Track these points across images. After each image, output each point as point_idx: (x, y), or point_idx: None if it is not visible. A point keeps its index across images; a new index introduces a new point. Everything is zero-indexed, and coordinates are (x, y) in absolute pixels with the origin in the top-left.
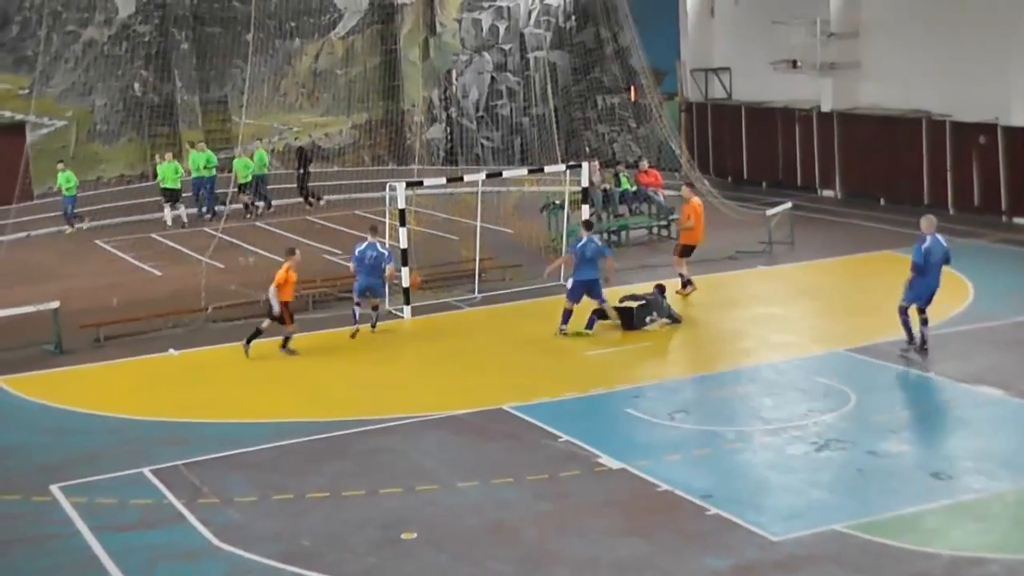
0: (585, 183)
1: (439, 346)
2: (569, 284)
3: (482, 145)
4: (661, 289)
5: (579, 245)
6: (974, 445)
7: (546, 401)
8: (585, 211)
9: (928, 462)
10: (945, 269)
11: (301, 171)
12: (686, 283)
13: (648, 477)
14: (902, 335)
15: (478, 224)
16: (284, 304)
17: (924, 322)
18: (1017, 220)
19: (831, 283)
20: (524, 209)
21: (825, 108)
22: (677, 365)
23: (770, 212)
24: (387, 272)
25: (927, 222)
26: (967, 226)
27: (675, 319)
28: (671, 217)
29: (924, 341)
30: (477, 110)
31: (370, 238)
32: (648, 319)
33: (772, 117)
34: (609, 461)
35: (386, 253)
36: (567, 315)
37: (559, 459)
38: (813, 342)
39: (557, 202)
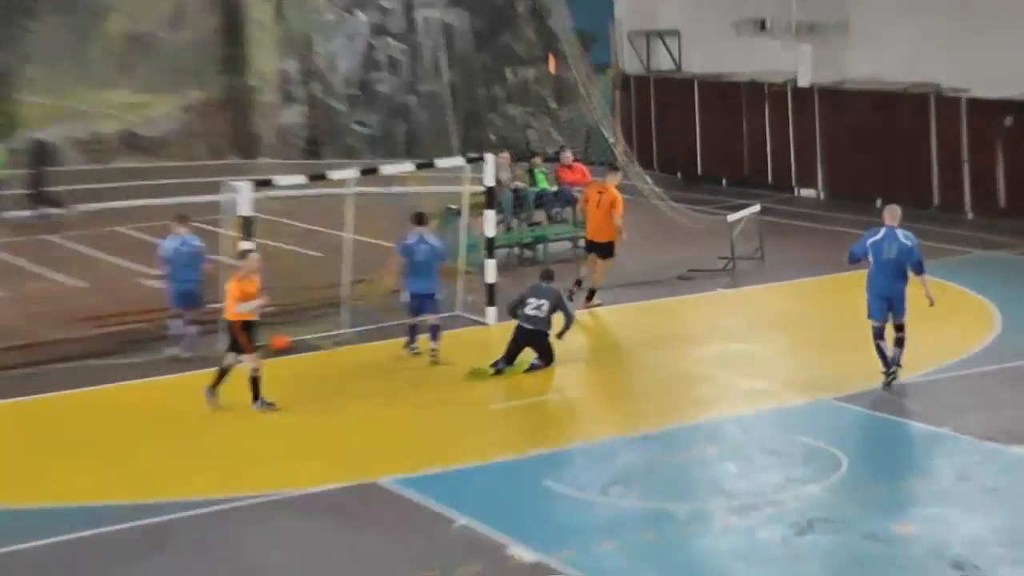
0: (490, 182)
1: (293, 399)
2: (406, 297)
3: (355, 132)
4: (548, 275)
5: (408, 244)
6: (1006, 524)
7: (437, 472)
8: (490, 219)
9: (945, 548)
10: (945, 290)
11: (37, 170)
12: (580, 286)
13: (574, 573)
14: (901, 378)
15: (350, 237)
16: (242, 327)
17: (898, 341)
18: None
19: (812, 310)
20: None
21: (803, 82)
22: (612, 421)
23: (732, 218)
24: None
25: (889, 213)
26: (991, 233)
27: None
28: None
29: (889, 365)
30: (348, 86)
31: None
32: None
33: (734, 95)
34: (522, 552)
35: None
36: (411, 330)
37: (455, 550)
38: (790, 389)
39: (453, 207)
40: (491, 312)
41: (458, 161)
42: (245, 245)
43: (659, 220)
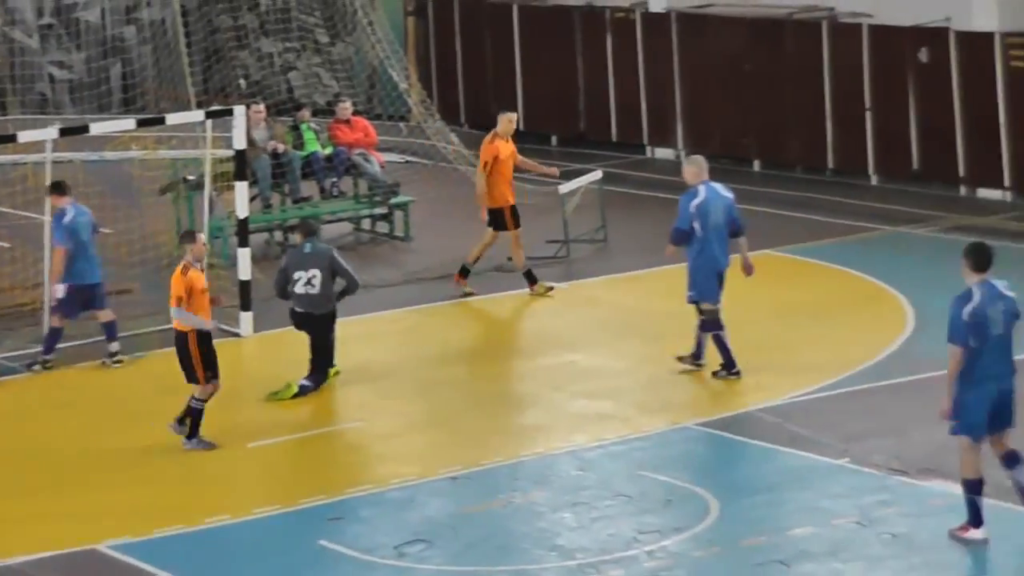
0: (240, 143)
1: None
2: (60, 292)
3: (51, 77)
4: (309, 231)
5: (65, 221)
6: None
7: (177, 532)
8: (241, 194)
9: None
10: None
11: None
12: (529, 276)
13: None
14: (784, 395)
15: (46, 222)
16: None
17: (703, 325)
18: (983, 193)
19: (669, 309)
20: (135, 191)
21: (656, 7)
22: (410, 459)
23: (565, 189)
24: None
25: (694, 167)
26: (902, 204)
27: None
28: (396, 200)
29: (734, 364)
30: (41, 16)
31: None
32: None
33: (566, 25)
34: None
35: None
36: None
37: None
38: (643, 412)
39: (191, 178)
40: (246, 319)
41: (195, 116)
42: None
43: (469, 193)
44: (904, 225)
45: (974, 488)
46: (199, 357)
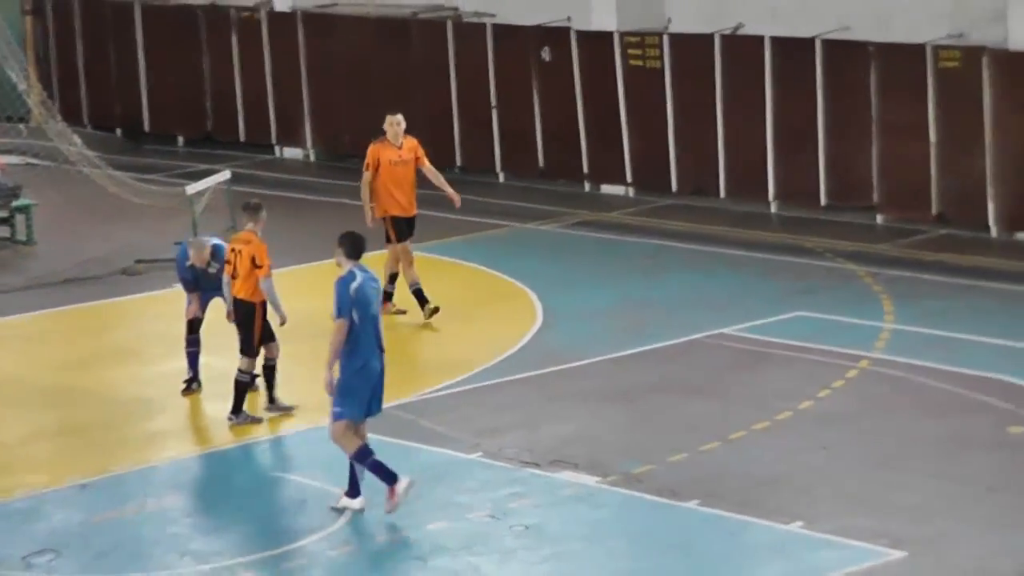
0: None
1: None
2: None
3: None
4: None
5: None
6: (551, 571)
7: None
8: None
9: None
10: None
11: None
12: (418, 296)
13: None
14: (417, 392)
15: None
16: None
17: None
18: (607, 189)
19: (310, 309)
20: None
21: (282, 6)
22: (34, 467)
23: (193, 189)
24: None
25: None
26: (529, 201)
27: None
28: (17, 203)
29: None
30: None
31: None
32: None
33: (191, 25)
34: None
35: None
36: None
37: None
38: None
39: None
40: None
41: None
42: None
43: (94, 195)
44: (531, 222)
45: (365, 454)
46: (261, 328)
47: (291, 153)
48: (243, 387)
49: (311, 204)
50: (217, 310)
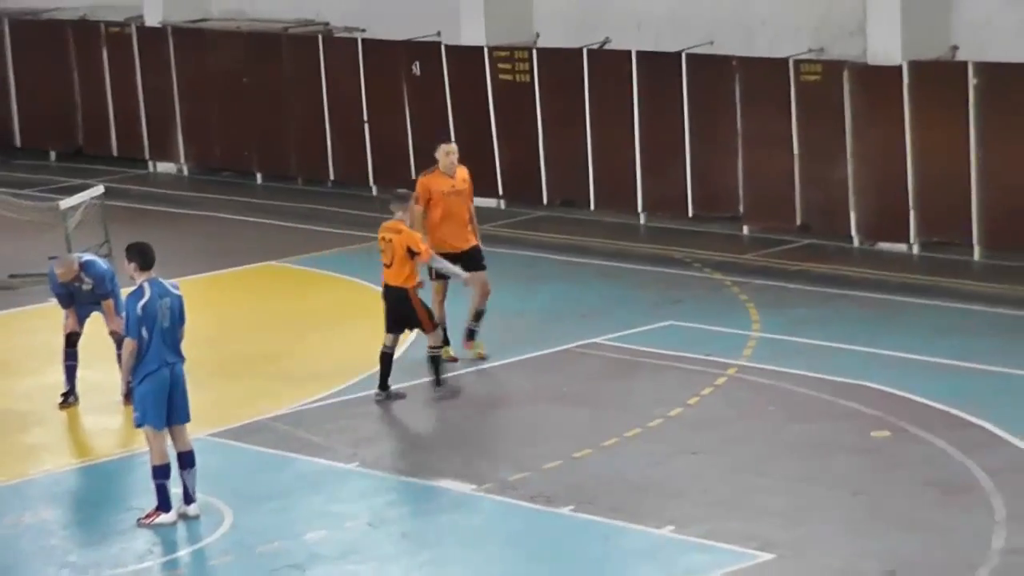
0: None
1: None
2: None
3: None
4: None
5: None
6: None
7: None
8: None
9: None
10: None
11: None
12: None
13: None
14: (295, 402)
15: None
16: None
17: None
18: (479, 202)
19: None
20: None
21: (152, 20)
22: None
23: (66, 204)
24: None
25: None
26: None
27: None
28: None
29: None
30: None
31: None
32: None
33: (60, 38)
34: None
35: None
36: None
37: None
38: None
39: None
40: None
41: None
42: None
43: None
44: None
45: (163, 473)
46: (423, 306)
47: (164, 167)
48: (437, 361)
49: (185, 218)
50: (96, 323)
